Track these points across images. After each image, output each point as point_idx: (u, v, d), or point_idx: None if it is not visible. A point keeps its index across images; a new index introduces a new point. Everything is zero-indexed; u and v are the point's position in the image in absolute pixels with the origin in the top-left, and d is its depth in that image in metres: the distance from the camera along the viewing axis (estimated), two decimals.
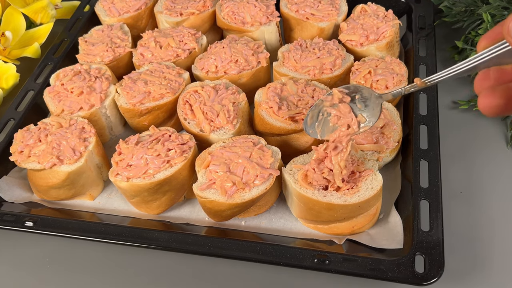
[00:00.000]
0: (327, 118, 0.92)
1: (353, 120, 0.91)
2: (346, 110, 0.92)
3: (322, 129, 0.91)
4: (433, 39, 1.32)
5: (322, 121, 0.92)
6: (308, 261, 0.91)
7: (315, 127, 0.92)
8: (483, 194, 1.12)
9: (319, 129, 0.92)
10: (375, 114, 0.91)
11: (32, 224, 1.02)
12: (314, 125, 0.92)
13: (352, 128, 0.92)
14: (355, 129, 0.91)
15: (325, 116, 0.92)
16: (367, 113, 0.91)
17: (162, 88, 1.19)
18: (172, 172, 1.02)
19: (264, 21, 1.36)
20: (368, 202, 0.96)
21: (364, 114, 0.91)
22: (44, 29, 1.52)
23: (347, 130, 0.92)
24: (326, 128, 0.91)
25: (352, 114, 0.92)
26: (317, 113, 0.93)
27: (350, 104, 0.93)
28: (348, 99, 0.95)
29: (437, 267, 0.88)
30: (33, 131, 1.13)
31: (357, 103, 0.94)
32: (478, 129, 1.26)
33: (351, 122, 0.92)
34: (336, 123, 0.92)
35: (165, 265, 1.04)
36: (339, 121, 0.92)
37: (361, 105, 0.93)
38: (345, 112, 0.92)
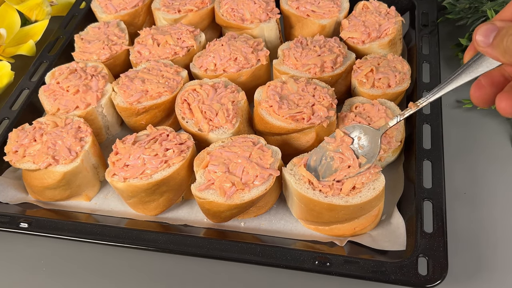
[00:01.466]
0: (330, 163, 0.99)
1: (353, 161, 0.97)
2: (348, 152, 0.98)
3: (324, 172, 0.98)
4: (436, 36, 1.32)
5: (325, 165, 0.99)
6: (309, 263, 0.91)
7: (318, 170, 0.99)
8: (487, 195, 1.12)
9: (321, 172, 0.98)
10: (375, 151, 0.97)
11: (27, 226, 1.02)
12: (317, 167, 0.99)
13: (352, 168, 0.97)
14: (355, 169, 0.96)
15: (328, 161, 0.99)
16: (367, 152, 0.98)
17: (159, 86, 1.19)
18: (170, 172, 1.02)
19: (263, 18, 1.36)
20: (370, 203, 0.96)
21: (365, 154, 0.98)
22: (39, 26, 1.52)
23: (347, 169, 0.97)
24: (328, 171, 0.98)
25: (353, 156, 0.98)
26: (321, 156, 1.00)
27: (352, 147, 0.99)
28: (350, 140, 1.00)
29: (441, 269, 0.88)
30: (28, 131, 1.13)
31: (358, 145, 0.99)
32: (482, 128, 1.26)
33: (351, 163, 0.97)
34: (339, 165, 0.98)
35: (163, 268, 1.04)
36: (341, 163, 0.98)
37: (362, 145, 0.99)
38: (348, 155, 0.98)
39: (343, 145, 1.00)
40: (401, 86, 1.18)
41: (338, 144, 1.00)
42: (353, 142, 1.00)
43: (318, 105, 1.10)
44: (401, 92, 1.20)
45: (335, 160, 0.98)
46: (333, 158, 0.99)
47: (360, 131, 1.00)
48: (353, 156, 0.98)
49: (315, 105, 1.10)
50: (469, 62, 0.78)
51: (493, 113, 1.28)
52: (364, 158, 0.97)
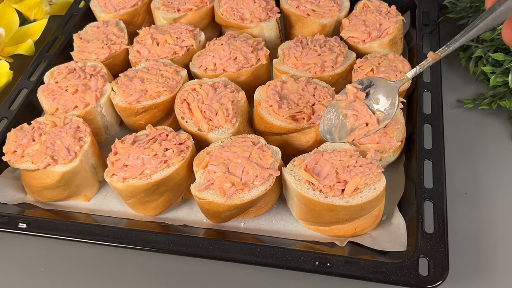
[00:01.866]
0: (343, 121, 0.91)
1: (371, 117, 0.90)
2: (362, 108, 0.91)
3: (339, 133, 0.90)
4: (437, 35, 1.32)
5: (339, 124, 0.91)
6: (309, 263, 0.91)
7: (332, 131, 0.91)
8: (488, 195, 1.12)
9: (336, 133, 0.91)
10: (393, 104, 0.89)
11: (26, 226, 1.01)
12: (331, 129, 0.91)
13: (371, 125, 0.90)
14: (374, 126, 0.89)
15: (342, 119, 0.91)
16: (385, 106, 0.90)
17: (159, 86, 1.19)
18: (170, 172, 1.02)
19: (263, 17, 1.36)
20: (370, 203, 0.96)
21: (382, 108, 0.90)
22: (38, 26, 1.52)
23: (366, 128, 0.90)
24: (343, 131, 0.90)
25: (369, 111, 0.90)
26: (333, 115, 0.92)
27: (365, 101, 0.92)
28: (363, 95, 0.93)
29: (442, 270, 0.88)
30: (26, 131, 1.12)
31: (372, 99, 0.92)
32: (484, 128, 1.26)
33: (369, 120, 0.90)
34: (354, 123, 0.91)
35: (162, 268, 1.04)
36: (356, 121, 0.91)
37: (376, 99, 0.92)
38: (362, 111, 0.91)
39: (356, 101, 0.92)
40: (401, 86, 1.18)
41: (351, 100, 0.93)
42: (366, 97, 0.92)
43: (318, 104, 1.10)
44: (402, 92, 1.20)
45: (349, 118, 0.91)
46: (346, 116, 0.91)
47: (373, 85, 0.93)
48: (368, 112, 0.90)
49: (315, 104, 1.10)
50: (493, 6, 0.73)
51: (494, 113, 1.28)
52: (381, 113, 0.90)
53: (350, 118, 0.91)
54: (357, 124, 0.90)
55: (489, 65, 1.25)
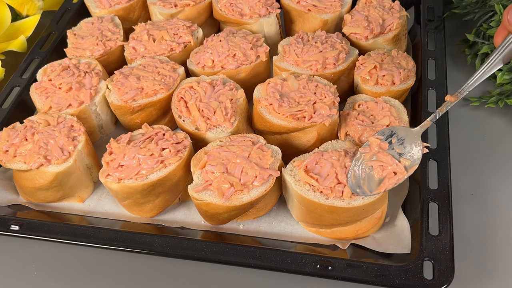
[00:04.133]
0: (370, 173, 0.95)
1: (397, 166, 0.94)
2: (387, 158, 0.95)
3: (369, 185, 0.94)
4: (442, 32, 1.32)
5: (367, 177, 0.95)
6: (310, 267, 0.91)
7: (361, 185, 0.94)
8: (495, 196, 1.12)
9: (365, 186, 0.94)
10: (417, 151, 0.95)
11: (18, 228, 1.01)
12: (359, 182, 0.94)
13: (399, 174, 0.94)
14: (403, 174, 0.93)
15: (368, 172, 0.95)
16: (409, 153, 0.95)
17: (155, 84, 1.19)
18: (166, 172, 1.02)
19: (263, 13, 1.36)
20: (373, 204, 0.96)
21: (406, 155, 0.95)
22: (30, 22, 1.52)
23: (395, 177, 0.94)
24: (372, 182, 0.94)
25: (394, 160, 0.95)
26: (359, 169, 0.96)
27: (389, 151, 0.97)
28: (386, 145, 0.98)
29: (447, 273, 0.88)
30: (19, 130, 1.12)
31: (395, 148, 0.97)
32: (490, 127, 1.26)
33: (396, 169, 0.94)
34: (382, 174, 0.94)
35: (159, 271, 1.04)
36: (383, 171, 0.94)
37: (400, 148, 0.96)
38: (387, 161, 0.95)
39: (380, 152, 0.97)
40: (405, 84, 1.18)
41: (374, 152, 0.98)
42: (389, 146, 0.98)
43: (319, 103, 1.10)
44: (406, 90, 1.20)
45: (376, 169, 0.95)
46: (372, 168, 0.96)
47: (395, 134, 0.99)
48: (394, 161, 0.95)
49: (317, 103, 1.10)
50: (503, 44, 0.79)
51: (501, 111, 1.28)
52: (407, 160, 0.95)
53: (377, 169, 0.94)
54: (385, 174, 0.94)
55: None
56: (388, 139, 0.99)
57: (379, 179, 0.95)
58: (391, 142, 0.98)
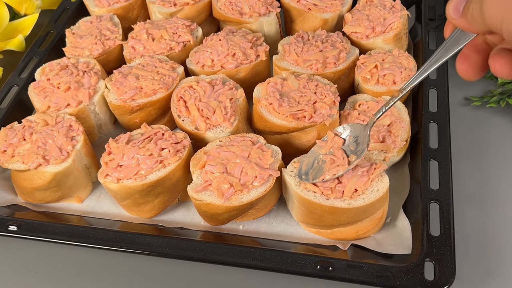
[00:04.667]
0: (321, 166, 1.00)
1: (343, 159, 0.98)
2: (338, 153, 1.00)
3: (315, 174, 0.99)
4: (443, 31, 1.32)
5: (317, 168, 1.00)
6: (311, 267, 0.91)
7: (309, 173, 0.99)
8: (497, 196, 1.12)
9: (311, 175, 0.99)
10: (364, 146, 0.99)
11: (16, 228, 1.01)
12: (308, 171, 1.00)
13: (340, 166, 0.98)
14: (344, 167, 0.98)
15: (320, 164, 1.00)
16: (359, 149, 0.99)
17: (154, 83, 1.19)
18: (165, 173, 1.02)
19: (263, 11, 1.36)
20: (373, 205, 0.96)
21: (355, 152, 0.99)
22: (28, 21, 1.52)
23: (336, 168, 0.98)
24: (319, 173, 0.99)
25: (344, 155, 0.99)
26: (313, 160, 1.02)
27: (344, 147, 1.01)
28: (341, 141, 1.02)
29: (448, 274, 0.88)
30: (17, 129, 1.12)
31: (350, 145, 1.01)
32: (492, 126, 1.25)
33: (341, 162, 0.98)
34: (330, 167, 0.99)
35: (158, 272, 1.04)
36: (331, 165, 0.99)
37: (353, 145, 1.01)
38: (338, 155, 0.99)
39: (334, 146, 1.01)
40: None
41: (330, 146, 1.02)
42: (344, 143, 1.01)
43: (320, 102, 1.10)
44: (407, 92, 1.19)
45: (327, 162, 0.99)
46: (325, 161, 1.00)
47: (350, 130, 1.02)
48: (343, 155, 0.99)
49: (317, 102, 1.10)
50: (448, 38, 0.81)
51: (503, 111, 1.28)
52: (353, 156, 0.98)
53: (328, 162, 0.99)
54: (332, 167, 0.98)
55: None
56: (346, 135, 1.03)
57: (326, 171, 0.98)
58: (347, 139, 1.02)
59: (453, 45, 0.81)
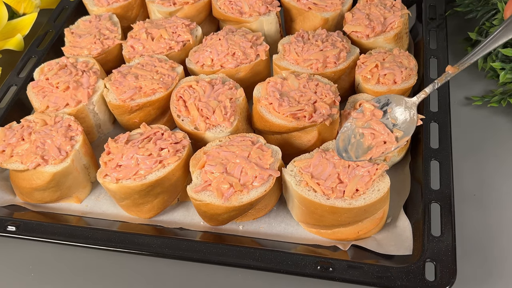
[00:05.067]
0: (360, 140, 0.94)
1: (389, 135, 0.92)
2: (379, 127, 0.94)
3: (356, 151, 0.93)
4: (444, 30, 1.32)
5: (356, 143, 0.93)
6: (311, 268, 0.91)
7: (348, 150, 0.93)
8: (498, 197, 1.12)
9: (352, 152, 0.93)
10: (412, 121, 0.93)
11: (15, 229, 1.01)
12: (346, 147, 0.93)
13: (389, 143, 0.92)
14: (392, 144, 0.91)
15: (358, 138, 0.94)
16: (403, 124, 0.93)
17: (154, 83, 1.19)
18: (165, 173, 1.02)
19: (263, 11, 1.36)
20: (374, 205, 0.96)
21: (400, 126, 0.94)
22: (27, 20, 1.51)
23: (384, 145, 0.92)
24: (360, 149, 0.92)
25: (387, 130, 0.93)
26: (349, 134, 0.95)
27: (383, 120, 0.95)
28: (380, 114, 0.96)
29: (449, 274, 0.88)
30: (15, 129, 1.12)
31: (390, 117, 0.96)
32: (493, 127, 1.25)
33: (387, 138, 0.93)
34: (371, 142, 0.93)
35: (157, 273, 1.04)
36: (374, 140, 0.93)
37: (394, 118, 0.95)
38: (379, 129, 0.94)
39: (373, 120, 0.96)
40: (407, 83, 1.18)
41: (368, 118, 0.97)
42: (384, 115, 0.97)
43: (320, 102, 1.10)
44: (408, 89, 1.19)
45: (366, 137, 0.94)
46: (363, 135, 0.94)
47: (391, 102, 0.97)
48: (386, 130, 0.93)
49: (317, 102, 1.10)
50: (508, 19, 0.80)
51: (504, 111, 1.28)
52: (399, 131, 0.93)
53: (367, 136, 0.93)
54: (375, 143, 0.93)
55: (498, 61, 1.24)
56: (383, 108, 0.98)
57: (367, 146, 0.93)
58: (387, 111, 0.97)
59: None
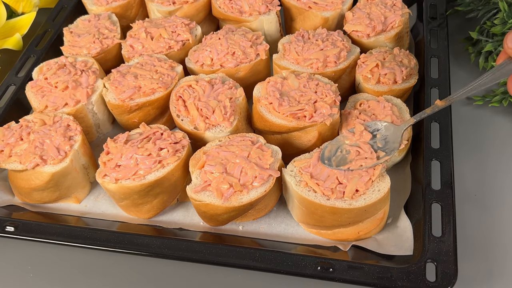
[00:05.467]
0: (345, 155, 1.00)
1: (371, 154, 0.99)
2: (365, 147, 1.00)
3: (338, 162, 0.99)
4: (445, 29, 1.32)
5: (340, 156, 1.00)
6: (311, 269, 0.91)
7: (332, 160, 0.99)
8: (499, 197, 1.12)
9: (335, 162, 0.99)
10: (395, 145, 1.00)
11: (14, 229, 1.01)
12: (331, 157, 1.00)
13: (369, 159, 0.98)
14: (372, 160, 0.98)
15: (344, 154, 1.00)
16: (387, 148, 1.00)
17: (153, 82, 1.19)
18: (164, 173, 1.02)
19: (263, 10, 1.36)
20: (374, 205, 0.96)
21: (384, 149, 1.00)
22: (26, 19, 1.52)
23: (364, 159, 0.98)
24: (342, 162, 0.99)
25: (372, 150, 1.00)
26: (336, 148, 1.02)
27: (370, 142, 1.02)
28: (369, 136, 1.02)
29: (450, 275, 0.88)
30: (14, 129, 1.12)
31: (378, 141, 1.02)
32: (494, 126, 1.25)
33: (369, 156, 0.99)
34: (354, 158, 0.99)
35: (157, 274, 1.04)
36: (357, 156, 0.99)
37: (382, 142, 1.01)
38: (365, 149, 1.00)
39: (361, 140, 1.02)
40: (408, 82, 1.18)
41: (357, 139, 1.03)
42: (372, 138, 1.02)
43: (320, 102, 1.10)
44: (408, 89, 1.19)
45: (351, 153, 1.00)
46: (349, 152, 1.00)
47: (380, 128, 1.03)
48: (370, 150, 0.99)
49: (317, 102, 1.10)
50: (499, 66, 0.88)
51: (505, 110, 1.28)
52: (382, 153, 0.99)
53: (352, 153, 1.00)
54: (358, 159, 0.99)
55: None
56: (374, 132, 1.03)
57: (350, 161, 0.99)
58: (376, 136, 1.03)
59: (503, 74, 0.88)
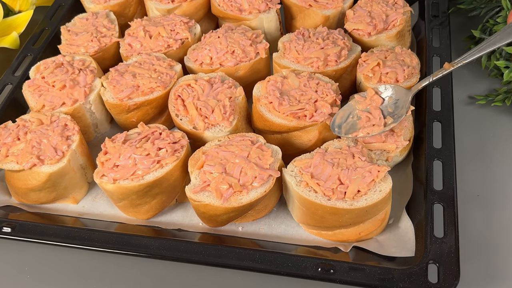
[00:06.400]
0: (356, 121, 1.03)
1: (380, 120, 1.02)
2: (375, 112, 1.03)
3: (348, 129, 1.02)
4: (447, 28, 1.32)
5: (351, 122, 1.03)
6: (311, 270, 0.91)
7: (342, 126, 1.02)
8: (502, 197, 1.12)
9: (345, 128, 1.02)
10: (403, 111, 1.03)
11: (10, 230, 1.01)
12: (341, 124, 1.03)
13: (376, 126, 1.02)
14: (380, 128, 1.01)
15: (355, 119, 1.03)
16: (396, 113, 1.03)
17: (152, 81, 1.19)
18: (163, 173, 1.02)
19: (263, 8, 1.36)
20: (376, 206, 0.96)
21: (393, 115, 1.03)
22: (23, 17, 1.51)
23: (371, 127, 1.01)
24: (352, 129, 1.02)
25: (381, 116, 1.02)
26: (348, 113, 1.04)
27: (381, 107, 1.04)
28: (380, 101, 1.05)
29: (452, 276, 0.88)
30: (11, 129, 1.12)
31: (388, 106, 1.04)
32: (497, 126, 1.25)
33: (377, 123, 1.02)
34: (364, 125, 1.02)
35: (155, 275, 1.04)
36: (367, 122, 1.02)
37: (392, 107, 1.04)
38: (375, 114, 1.03)
39: (372, 105, 1.04)
40: (409, 81, 1.18)
41: (368, 103, 1.05)
42: (383, 103, 1.05)
43: (321, 101, 1.10)
44: (410, 87, 1.19)
45: (362, 119, 1.02)
46: (360, 117, 1.03)
47: (392, 92, 1.06)
48: (380, 116, 1.02)
49: (318, 101, 1.10)
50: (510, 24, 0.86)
51: (508, 110, 1.28)
52: (390, 118, 1.01)
53: (363, 119, 1.02)
54: (367, 125, 1.01)
55: (502, 59, 1.24)
56: (386, 95, 1.07)
57: (359, 128, 1.02)
58: (386, 100, 1.06)
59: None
